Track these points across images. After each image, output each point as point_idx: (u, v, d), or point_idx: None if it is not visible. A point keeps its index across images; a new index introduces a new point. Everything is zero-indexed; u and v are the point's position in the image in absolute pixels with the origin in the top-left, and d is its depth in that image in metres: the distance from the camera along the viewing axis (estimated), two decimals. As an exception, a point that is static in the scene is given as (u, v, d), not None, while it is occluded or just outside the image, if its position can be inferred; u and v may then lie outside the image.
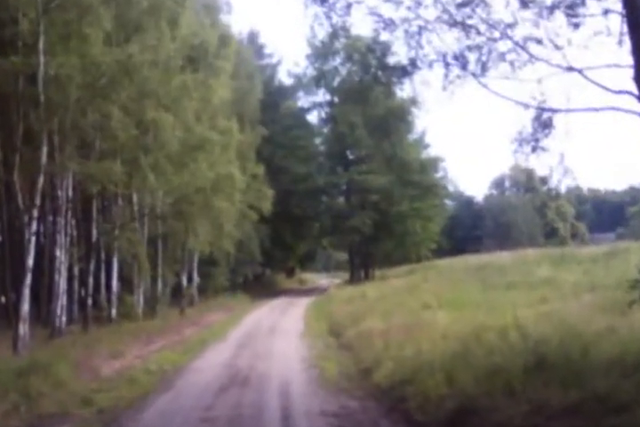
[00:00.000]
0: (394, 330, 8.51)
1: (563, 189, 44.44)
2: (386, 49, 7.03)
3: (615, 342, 5.33)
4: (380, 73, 7.92)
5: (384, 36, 6.60)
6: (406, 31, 6.33)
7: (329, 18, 6.43)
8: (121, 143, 12.36)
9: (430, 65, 6.33)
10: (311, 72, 30.63)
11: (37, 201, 10.05)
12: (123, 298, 15.06)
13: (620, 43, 5.46)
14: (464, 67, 6.23)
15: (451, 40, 6.24)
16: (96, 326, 12.47)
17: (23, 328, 9.15)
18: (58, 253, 11.57)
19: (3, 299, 12.38)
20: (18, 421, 5.62)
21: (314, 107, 32.05)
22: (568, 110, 5.87)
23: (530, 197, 46.81)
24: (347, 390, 6.63)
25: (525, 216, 44.53)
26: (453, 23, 6.20)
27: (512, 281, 13.26)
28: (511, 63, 6.13)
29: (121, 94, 11.51)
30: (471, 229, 45.80)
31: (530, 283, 12.51)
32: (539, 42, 5.93)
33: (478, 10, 6.09)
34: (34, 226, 9.93)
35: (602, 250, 16.81)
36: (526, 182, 47.98)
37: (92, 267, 13.17)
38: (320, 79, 30.32)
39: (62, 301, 11.59)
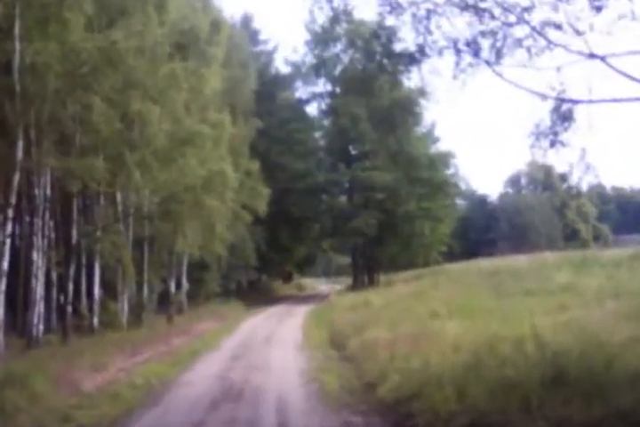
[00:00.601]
0: (400, 340, 8.49)
1: (584, 188, 44.47)
2: (392, 35, 7.04)
3: (641, 353, 5.32)
4: (385, 61, 7.92)
5: (390, 21, 6.61)
6: (414, 15, 6.33)
7: (329, 0, 6.44)
8: (104, 137, 12.35)
9: (440, 52, 6.33)
10: (310, 60, 30.62)
11: (13, 200, 10.05)
12: (105, 305, 15.06)
13: (647, 28, 5.46)
14: (477, 54, 6.23)
15: (462, 25, 6.24)
16: (76, 336, 12.46)
17: (-3, 338, 9.15)
18: (35, 256, 11.56)
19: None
20: (-9, 438, 5.62)
21: (313, 98, 32.04)
22: (590, 101, 5.87)
23: (548, 195, 46.81)
24: (349, 405, 6.63)
25: (543, 217, 44.53)
26: (465, 6, 6.20)
27: (529, 287, 13.26)
28: (528, 50, 6.12)
29: (104, 84, 11.50)
30: (484, 231, 45.82)
31: (548, 289, 12.52)
32: (558, 27, 5.93)
33: (492, -8, 6.09)
34: (9, 227, 9.93)
35: (627, 253, 16.82)
36: (544, 180, 47.96)
37: (71, 272, 13.16)
38: (320, 68, 30.30)
39: (40, 308, 11.58)
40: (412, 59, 6.54)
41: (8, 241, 9.87)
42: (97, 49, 10.97)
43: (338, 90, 30.53)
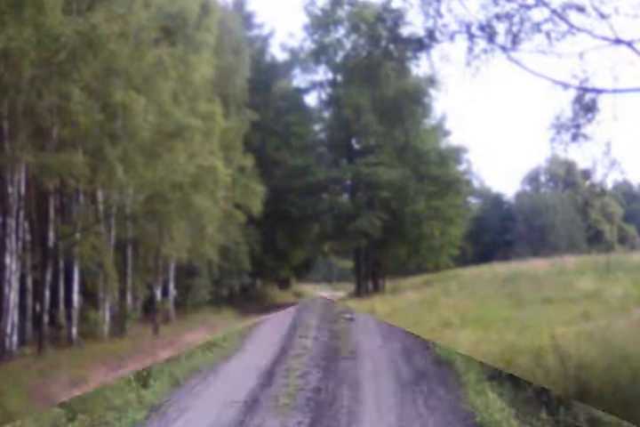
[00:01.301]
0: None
1: (609, 185, 44.30)
2: (398, 18, 7.04)
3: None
4: (391, 47, 7.93)
5: (396, 3, 6.62)
6: (423, -4, 6.34)
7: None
8: (83, 130, 12.35)
9: (451, 37, 6.34)
10: (309, 46, 30.58)
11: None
12: (85, 314, 15.05)
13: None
14: (491, 39, 6.24)
15: (476, 8, 6.25)
16: (53, 348, 12.46)
17: (-33, 350, 9.16)
18: (8, 260, 11.57)
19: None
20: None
21: (312, 87, 31.98)
22: (615, 91, 5.88)
23: (569, 194, 46.75)
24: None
25: (564, 217, 44.46)
26: (479, -13, 6.21)
27: (548, 295, 13.28)
28: (547, 35, 6.13)
29: (83, 72, 11.50)
30: (500, 233, 45.71)
31: (569, 297, 12.53)
32: (580, 10, 5.95)
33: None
34: (-21, 229, 9.91)
35: (655, 257, 16.83)
36: (565, 177, 47.90)
37: (48, 277, 13.16)
38: (320, 54, 30.27)
39: (13, 317, 11.59)
40: (421, 44, 6.55)
41: (-22, 244, 9.87)
42: (76, 33, 10.98)
43: (339, 78, 30.49)
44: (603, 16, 5.79)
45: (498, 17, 6.18)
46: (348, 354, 9.60)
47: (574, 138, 6.27)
